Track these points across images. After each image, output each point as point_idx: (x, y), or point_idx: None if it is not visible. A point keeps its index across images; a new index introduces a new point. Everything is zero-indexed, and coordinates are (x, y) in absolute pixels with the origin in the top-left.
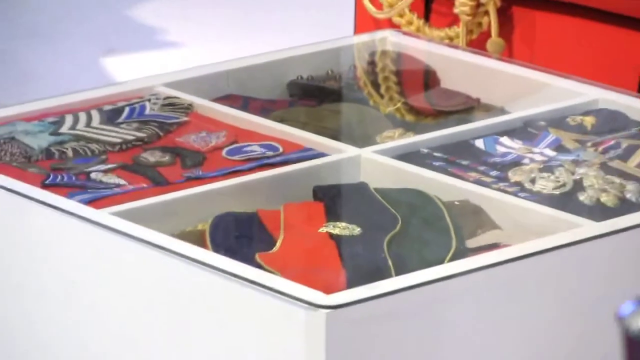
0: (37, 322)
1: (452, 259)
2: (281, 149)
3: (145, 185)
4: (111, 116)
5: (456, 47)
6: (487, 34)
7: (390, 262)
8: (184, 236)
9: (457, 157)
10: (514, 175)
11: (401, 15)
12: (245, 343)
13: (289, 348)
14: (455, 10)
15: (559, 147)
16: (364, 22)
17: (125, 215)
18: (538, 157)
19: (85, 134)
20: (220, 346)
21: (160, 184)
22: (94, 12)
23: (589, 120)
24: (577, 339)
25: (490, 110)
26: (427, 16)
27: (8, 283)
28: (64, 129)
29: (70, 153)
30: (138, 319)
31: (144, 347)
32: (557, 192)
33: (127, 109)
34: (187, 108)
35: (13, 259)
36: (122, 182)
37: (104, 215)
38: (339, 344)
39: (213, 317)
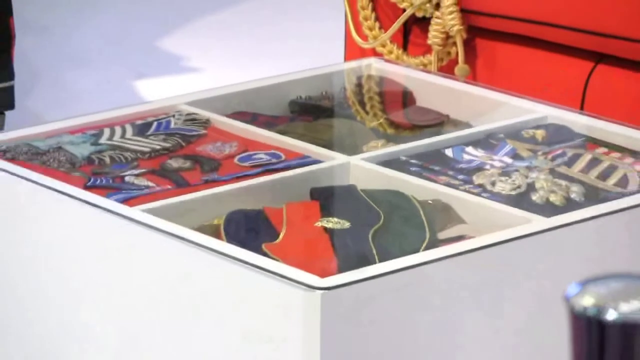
0: (77, 307)
1: (425, 249)
2: (283, 157)
3: (170, 187)
4: (142, 129)
5: (429, 72)
6: (455, 61)
7: (374, 251)
8: (203, 229)
9: (430, 164)
10: (477, 179)
11: (383, 46)
12: (252, 319)
13: (289, 323)
14: (429, 42)
15: (515, 156)
16: (352, 51)
17: (153, 212)
18: (497, 164)
19: (120, 144)
20: (231, 322)
21: (183, 186)
22: (127, 43)
23: (539, 133)
24: (528, 317)
25: (457, 124)
26: (405, 46)
27: (52, 272)
28: (103, 140)
29: (107, 160)
30: (162, 301)
31: (164, 324)
32: (513, 192)
33: (155, 124)
34: (205, 122)
35: (59, 250)
36: (150, 184)
37: (136, 212)
38: (332, 320)
39: (226, 297)
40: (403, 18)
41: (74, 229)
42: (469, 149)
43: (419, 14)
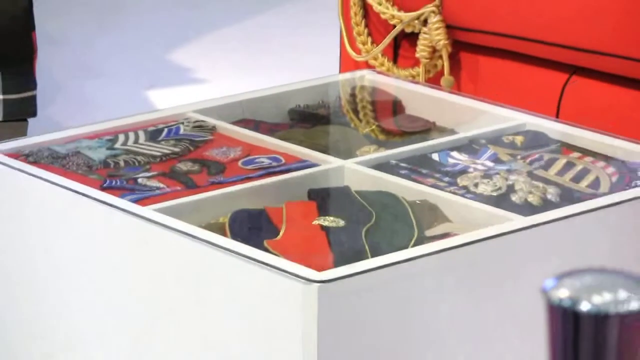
0: (92, 298)
1: (414, 245)
2: (284, 161)
3: (179, 188)
4: (153, 135)
5: (417, 83)
6: (441, 73)
7: (367, 247)
8: (209, 227)
9: (418, 167)
10: (461, 181)
11: (375, 59)
12: (254, 310)
13: (288, 313)
14: (417, 55)
15: (496, 160)
16: (347, 64)
17: (164, 211)
18: (480, 167)
19: (133, 148)
20: (234, 312)
21: (191, 187)
22: (140, 56)
23: (518, 139)
24: (508, 308)
25: (443, 131)
26: (395, 59)
27: (69, 268)
28: (117, 145)
29: (122, 164)
30: (171, 292)
31: (173, 315)
32: (494, 193)
33: (165, 130)
34: (212, 129)
35: (76, 246)
36: (161, 185)
37: (148, 211)
38: (328, 311)
39: (230, 290)
40: (393, 33)
41: (91, 227)
42: (454, 153)
43: (408, 30)
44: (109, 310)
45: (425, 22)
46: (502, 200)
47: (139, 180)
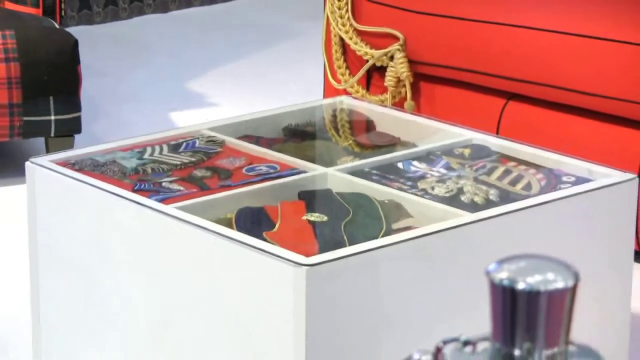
0: (123, 282)
1: (383, 236)
2: (279, 168)
3: (195, 190)
4: (174, 148)
5: (385, 106)
6: (404, 98)
7: (345, 238)
8: (219, 221)
9: (386, 174)
10: (421, 185)
11: (352, 87)
12: (255, 288)
13: (282, 291)
14: (385, 84)
15: (449, 168)
16: (329, 91)
17: (183, 208)
18: (436, 174)
19: (158, 158)
20: (239, 291)
21: (205, 189)
22: (165, 84)
23: (467, 151)
24: (458, 288)
25: (406, 145)
26: (368, 87)
27: (104, 256)
28: (146, 155)
29: (149, 170)
30: (188, 275)
31: (187, 294)
32: (447, 195)
33: (184, 144)
34: (221, 143)
35: (111, 238)
36: (181, 188)
37: (171, 208)
38: (314, 288)
39: (235, 272)
40: (366, 67)
41: (124, 222)
42: (415, 162)
43: (378, 64)
44: (136, 289)
45: (392, 58)
46: (453, 200)
47: (163, 184)
